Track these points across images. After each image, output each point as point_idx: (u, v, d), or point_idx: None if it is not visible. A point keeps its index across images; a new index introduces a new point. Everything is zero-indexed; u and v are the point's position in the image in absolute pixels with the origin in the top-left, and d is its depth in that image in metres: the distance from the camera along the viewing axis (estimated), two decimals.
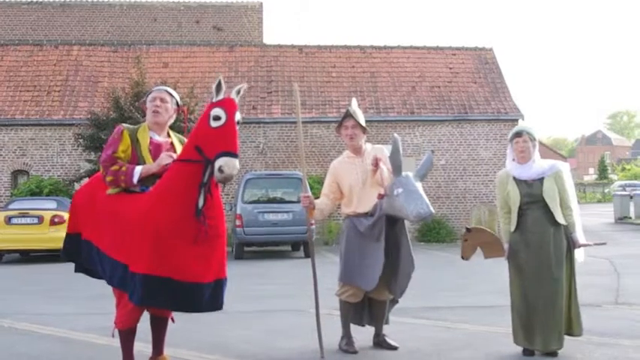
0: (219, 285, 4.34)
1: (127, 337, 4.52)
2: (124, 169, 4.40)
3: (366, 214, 5.28)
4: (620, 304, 7.84)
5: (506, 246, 5.34)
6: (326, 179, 5.62)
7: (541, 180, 5.20)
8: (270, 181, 16.14)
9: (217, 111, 4.17)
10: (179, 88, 17.81)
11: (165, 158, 4.45)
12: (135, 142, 4.52)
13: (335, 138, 20.46)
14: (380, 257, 5.13)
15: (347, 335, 5.46)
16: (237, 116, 4.23)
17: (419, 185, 5.06)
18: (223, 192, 4.64)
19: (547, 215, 5.17)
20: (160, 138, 4.63)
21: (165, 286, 4.15)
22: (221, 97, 4.24)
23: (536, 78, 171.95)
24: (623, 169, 64.92)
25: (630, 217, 27.36)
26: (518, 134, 5.26)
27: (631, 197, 28.82)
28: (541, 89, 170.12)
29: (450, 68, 23.20)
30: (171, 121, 4.77)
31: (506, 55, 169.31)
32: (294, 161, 20.23)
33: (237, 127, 4.22)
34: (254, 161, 20.35)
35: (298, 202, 6.50)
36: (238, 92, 4.35)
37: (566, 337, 5.19)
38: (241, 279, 10.30)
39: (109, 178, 4.42)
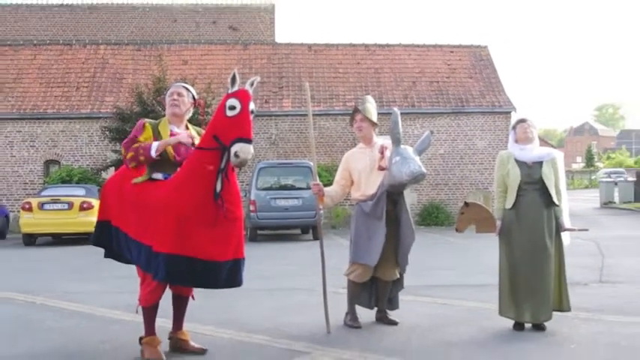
0: (237, 264, 4.34)
1: (150, 313, 4.53)
2: (142, 144, 4.40)
3: (372, 197, 5.30)
4: (604, 282, 7.83)
5: (498, 223, 5.34)
6: (339, 168, 5.68)
7: (540, 164, 5.26)
8: (281, 169, 16.20)
9: (232, 101, 4.16)
10: (197, 84, 17.79)
11: (184, 137, 4.47)
12: (157, 134, 4.51)
13: (341, 129, 20.43)
14: (382, 234, 5.18)
15: (352, 312, 5.48)
16: (251, 106, 4.21)
17: (417, 158, 5.05)
18: (238, 180, 4.62)
19: (542, 197, 5.21)
20: (179, 130, 4.62)
21: (187, 264, 4.17)
22: (236, 88, 4.24)
23: (529, 73, 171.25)
24: (609, 157, 64.58)
25: (615, 202, 27.36)
26: (523, 120, 5.42)
27: (615, 184, 28.93)
28: (533, 84, 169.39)
29: (448, 64, 23.03)
30: (189, 114, 4.76)
31: (500, 52, 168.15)
32: (304, 151, 20.18)
33: (252, 117, 4.21)
34: (266, 151, 20.31)
35: (308, 188, 6.52)
36: (252, 84, 4.37)
37: (555, 313, 5.19)
38: (255, 260, 10.29)
39: (129, 155, 4.40)
